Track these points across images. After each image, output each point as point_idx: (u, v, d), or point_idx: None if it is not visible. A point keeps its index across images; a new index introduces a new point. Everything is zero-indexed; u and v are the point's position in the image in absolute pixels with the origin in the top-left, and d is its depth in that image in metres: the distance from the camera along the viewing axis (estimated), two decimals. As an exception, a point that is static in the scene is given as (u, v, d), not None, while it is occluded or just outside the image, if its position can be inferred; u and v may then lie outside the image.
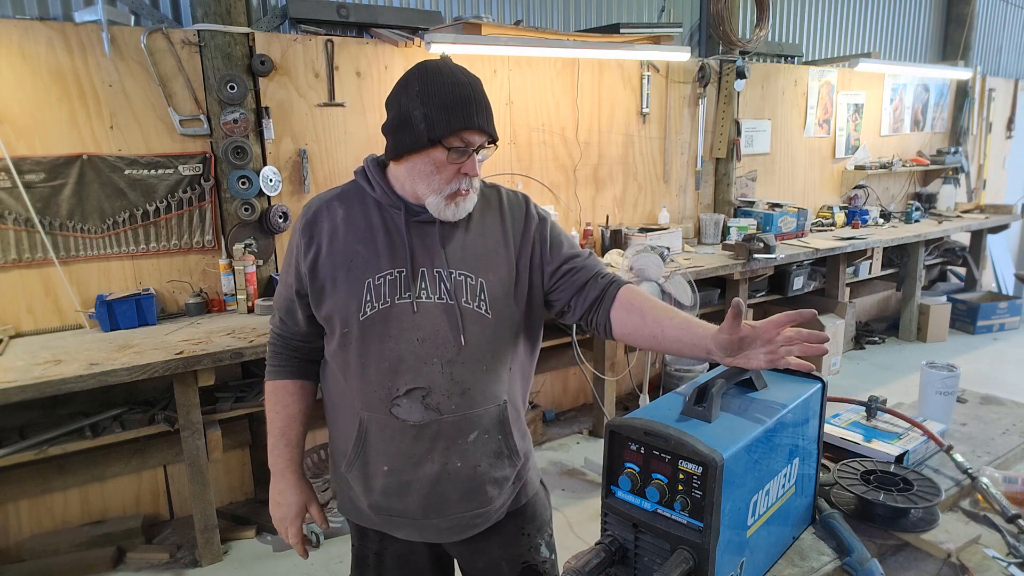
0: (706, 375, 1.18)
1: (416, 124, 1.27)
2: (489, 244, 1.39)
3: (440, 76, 1.28)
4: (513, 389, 1.43)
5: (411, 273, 1.33)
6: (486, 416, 1.37)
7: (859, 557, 1.16)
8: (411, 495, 1.37)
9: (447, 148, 1.27)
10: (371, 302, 1.32)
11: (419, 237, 1.36)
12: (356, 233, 1.36)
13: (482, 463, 1.38)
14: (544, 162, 4.06)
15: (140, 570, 2.83)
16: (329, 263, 1.35)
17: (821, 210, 5.53)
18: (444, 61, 1.34)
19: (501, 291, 1.37)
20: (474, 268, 1.36)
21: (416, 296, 1.33)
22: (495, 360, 1.37)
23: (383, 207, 1.37)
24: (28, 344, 2.74)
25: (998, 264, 6.87)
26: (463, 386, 1.33)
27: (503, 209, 1.45)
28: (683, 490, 0.99)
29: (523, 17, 4.00)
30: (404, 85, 1.31)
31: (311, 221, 1.39)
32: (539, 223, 1.45)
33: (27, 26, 2.70)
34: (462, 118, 1.27)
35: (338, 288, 1.33)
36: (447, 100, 1.26)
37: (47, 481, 2.84)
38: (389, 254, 1.34)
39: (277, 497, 1.49)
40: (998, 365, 5.16)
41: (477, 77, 1.33)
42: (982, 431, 1.72)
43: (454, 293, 1.33)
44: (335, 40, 3.29)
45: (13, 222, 2.77)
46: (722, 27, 4.49)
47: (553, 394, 4.35)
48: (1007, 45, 7.45)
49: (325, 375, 1.47)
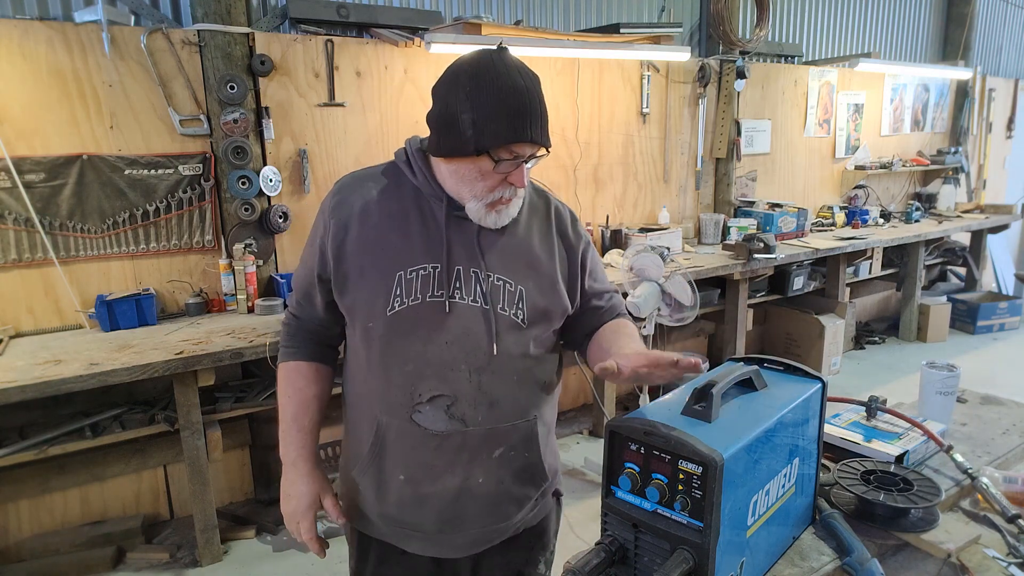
0: (706, 375, 1.18)
1: (463, 129, 1.15)
2: (534, 252, 1.31)
3: (495, 77, 1.15)
4: (544, 404, 1.36)
5: (447, 270, 1.23)
6: (514, 431, 1.29)
7: (859, 557, 1.16)
8: (427, 509, 1.29)
9: (495, 160, 1.17)
10: (400, 297, 1.22)
11: (458, 233, 1.26)
12: (391, 219, 1.25)
13: (506, 480, 1.30)
14: (544, 162, 4.01)
15: (140, 570, 2.83)
16: (358, 248, 1.25)
17: (821, 210, 5.53)
18: (501, 56, 1.18)
19: (541, 301, 1.29)
20: (515, 274, 1.27)
21: (450, 295, 1.23)
22: (527, 372, 1.29)
23: (422, 195, 1.27)
24: (28, 344, 2.74)
25: (998, 264, 6.87)
26: (491, 397, 1.25)
27: (551, 219, 1.37)
28: (683, 490, 0.99)
29: (523, 17, 4.00)
30: (454, 79, 1.18)
31: (343, 200, 1.28)
32: (586, 246, 1.40)
33: (27, 26, 2.70)
34: (515, 130, 1.15)
35: (365, 277, 1.24)
36: (500, 108, 1.14)
37: (47, 481, 2.84)
38: (424, 247, 1.24)
39: (288, 489, 1.35)
40: (998, 365, 5.16)
41: (536, 76, 1.21)
42: (982, 431, 1.71)
43: (490, 297, 1.24)
44: (335, 40, 3.29)
45: (13, 222, 2.77)
46: (722, 27, 4.49)
47: (553, 394, 4.34)
48: (1007, 45, 7.45)
49: (346, 368, 1.37)
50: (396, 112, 3.51)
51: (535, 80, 1.19)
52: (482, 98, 1.14)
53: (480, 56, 1.18)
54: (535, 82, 1.19)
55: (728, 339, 4.50)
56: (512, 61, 1.18)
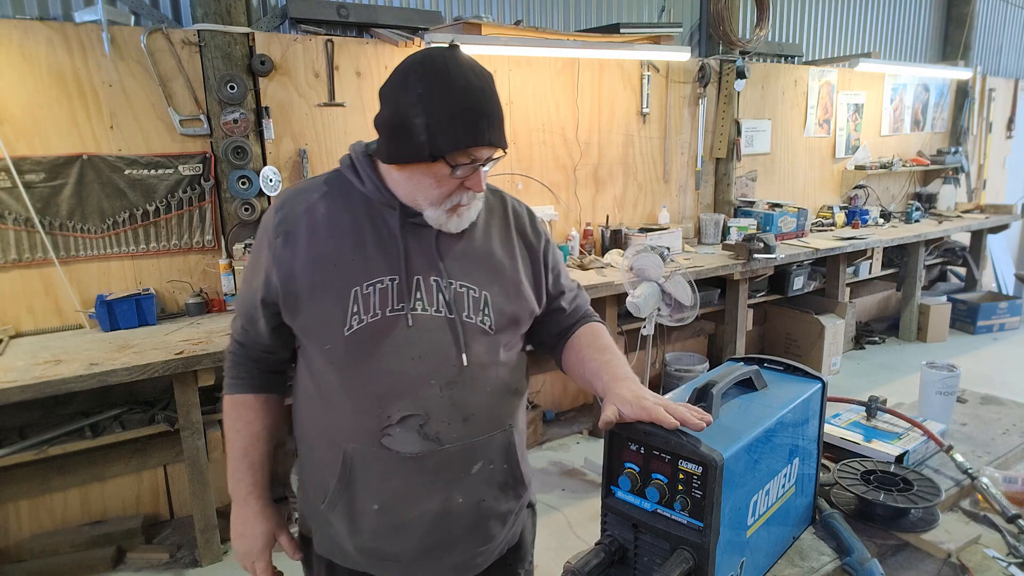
0: (706, 375, 1.18)
1: (416, 134, 1.09)
2: (495, 255, 1.26)
3: (448, 78, 1.08)
4: (517, 411, 1.31)
5: (406, 281, 1.16)
6: (492, 444, 1.23)
7: (859, 557, 1.16)
8: (407, 536, 1.21)
9: (451, 165, 1.11)
10: (358, 314, 1.14)
11: (415, 241, 1.19)
12: (341, 233, 1.17)
13: (487, 497, 1.25)
14: (544, 162, 4.06)
15: (140, 570, 2.83)
16: (308, 268, 1.16)
17: (821, 210, 5.53)
18: (452, 55, 1.11)
19: (507, 306, 1.24)
20: (478, 279, 1.22)
21: (411, 308, 1.16)
22: (499, 380, 1.24)
23: (373, 204, 1.19)
24: (28, 344, 2.74)
25: (998, 264, 6.87)
26: (465, 411, 1.19)
27: (509, 219, 1.32)
28: (683, 490, 0.99)
29: (523, 17, 4.00)
30: (404, 81, 1.11)
31: (287, 216, 1.18)
32: (546, 243, 1.36)
33: (27, 26, 2.70)
34: (471, 134, 1.09)
35: (318, 297, 1.15)
36: (455, 110, 1.08)
37: (47, 481, 2.84)
38: (380, 259, 1.16)
39: (240, 528, 1.28)
40: (998, 365, 5.16)
41: (489, 75, 1.14)
42: (982, 431, 1.71)
43: (454, 305, 1.19)
44: (335, 40, 3.29)
45: (13, 222, 2.77)
46: (722, 27, 4.49)
47: (553, 394, 4.35)
48: (1007, 45, 7.45)
49: (297, 395, 1.28)
50: (396, 112, 3.50)
51: (489, 79, 1.13)
52: (435, 101, 1.07)
53: (430, 55, 1.11)
54: (489, 81, 1.13)
55: (728, 339, 4.50)
56: (464, 60, 1.12)
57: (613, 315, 3.82)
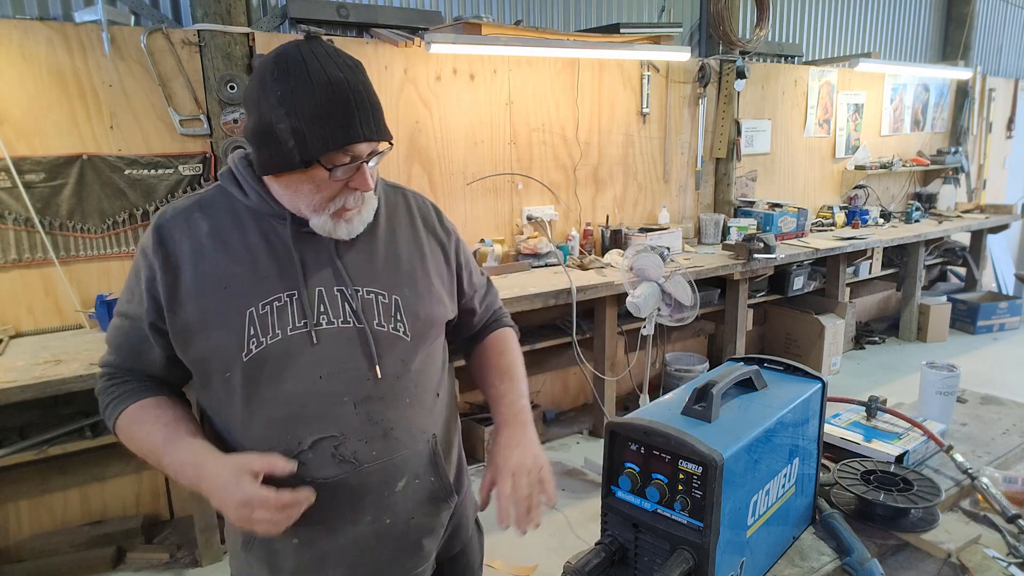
0: (706, 375, 1.18)
1: (283, 140, 1.00)
2: (403, 255, 1.18)
3: (308, 73, 0.99)
4: (441, 417, 1.24)
5: (306, 295, 1.08)
6: (414, 458, 1.16)
7: (859, 557, 1.16)
8: (333, 568, 1.13)
9: (328, 168, 1.02)
10: (256, 337, 1.05)
11: (311, 251, 1.10)
12: (229, 251, 1.08)
13: (416, 514, 1.18)
14: (544, 162, 4.06)
15: (140, 570, 2.83)
16: (195, 292, 1.06)
17: (821, 210, 5.53)
18: (310, 48, 1.02)
19: (421, 308, 1.17)
20: (386, 284, 1.14)
21: (315, 323, 1.08)
22: (419, 389, 1.17)
23: (261, 217, 1.10)
24: (28, 344, 2.74)
25: (998, 264, 6.87)
26: (384, 427, 1.11)
27: (414, 216, 1.24)
28: (683, 490, 0.99)
29: (523, 17, 4.00)
30: (261, 84, 1.01)
31: (166, 238, 1.08)
32: (456, 240, 1.29)
33: (27, 26, 2.70)
34: (343, 131, 1.00)
35: (211, 323, 1.05)
36: (320, 109, 0.99)
37: (47, 481, 2.84)
38: (276, 274, 1.08)
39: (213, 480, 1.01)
40: (998, 365, 5.16)
41: (356, 64, 1.05)
42: (982, 431, 1.71)
43: (362, 315, 1.10)
44: (335, 40, 3.29)
45: (13, 222, 2.77)
46: (722, 27, 4.49)
47: (553, 394, 4.35)
48: (1007, 45, 7.45)
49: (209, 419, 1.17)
50: (396, 112, 3.51)
51: (356, 68, 1.04)
52: (296, 100, 0.98)
53: (286, 52, 1.02)
54: (357, 71, 1.04)
55: (728, 339, 4.50)
56: (325, 50, 1.02)
57: (613, 315, 3.82)
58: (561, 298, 3.45)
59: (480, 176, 3.84)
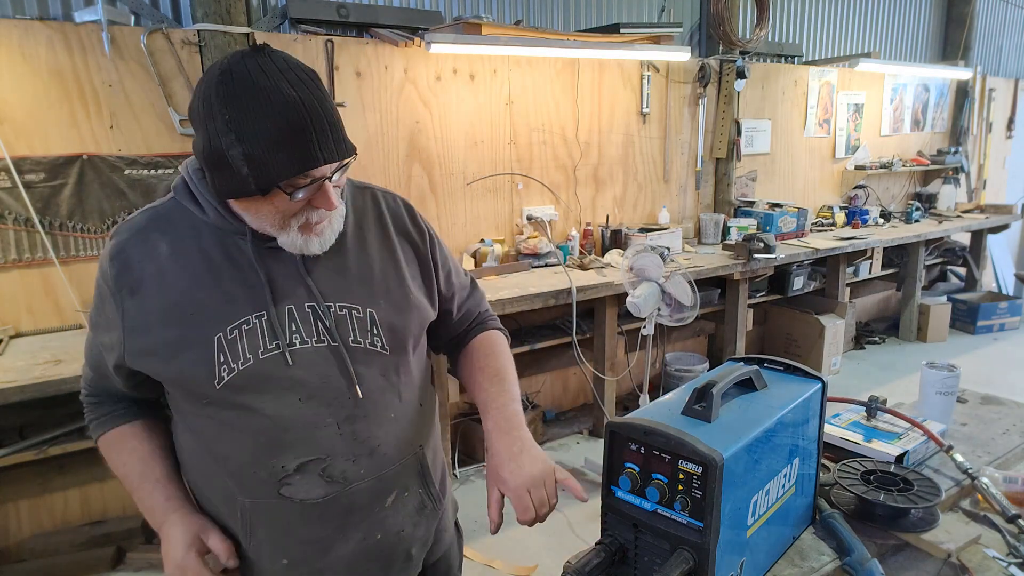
0: (706, 375, 1.18)
1: (236, 167, 0.92)
2: (375, 264, 1.12)
3: (257, 93, 0.90)
4: (426, 426, 1.22)
5: (275, 315, 1.02)
6: (403, 471, 1.14)
7: (859, 557, 1.16)
8: None
9: (288, 192, 0.96)
10: (226, 364, 1.00)
11: (278, 266, 1.04)
12: (191, 274, 1.02)
13: (405, 526, 1.16)
14: (544, 162, 4.06)
15: (140, 570, 2.83)
16: (160, 322, 1.01)
17: (821, 210, 5.53)
18: (256, 64, 0.92)
19: (398, 319, 1.12)
20: (359, 296, 1.09)
21: (288, 343, 1.03)
22: (403, 402, 1.14)
23: (222, 233, 1.04)
24: (28, 344, 2.74)
25: (998, 264, 6.87)
26: (370, 444, 1.08)
27: (385, 219, 1.18)
28: (683, 490, 0.99)
29: (523, 17, 4.00)
30: (207, 106, 0.93)
31: (126, 264, 1.02)
32: (431, 239, 1.23)
33: (27, 26, 2.70)
34: (300, 157, 0.93)
35: (179, 354, 1.00)
36: (274, 134, 0.91)
37: (47, 481, 2.84)
38: (242, 295, 1.02)
39: (166, 547, 1.06)
40: (998, 365, 5.16)
41: (310, 75, 0.97)
42: (982, 431, 1.71)
43: (336, 331, 1.06)
44: (335, 40, 3.29)
45: (13, 222, 2.77)
46: (722, 27, 4.49)
47: (553, 394, 4.35)
48: (1007, 45, 7.45)
49: (180, 446, 1.15)
50: (396, 112, 3.51)
51: (311, 83, 0.95)
52: (247, 125, 0.90)
53: (232, 67, 0.92)
54: (311, 85, 0.95)
55: (728, 339, 4.50)
56: (274, 65, 0.93)
57: (613, 315, 3.82)
58: (561, 298, 3.45)
59: (480, 176, 3.84)
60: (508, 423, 1.18)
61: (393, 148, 3.55)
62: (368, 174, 3.45)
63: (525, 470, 1.13)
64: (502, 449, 1.15)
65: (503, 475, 1.13)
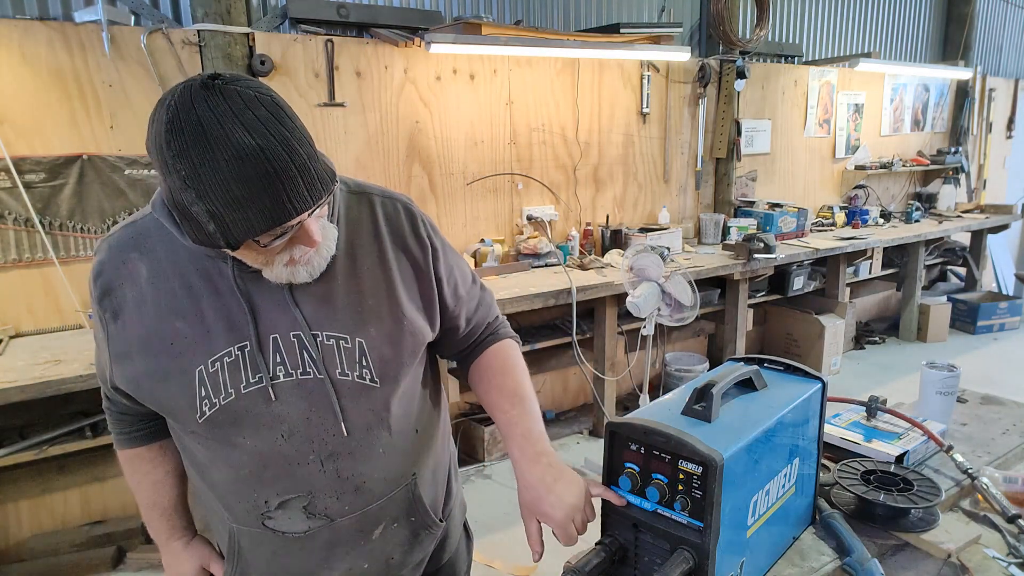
0: (706, 375, 1.18)
1: (202, 223, 0.84)
2: (365, 287, 1.04)
3: (210, 150, 0.80)
4: (423, 450, 1.16)
5: (258, 346, 0.97)
6: (392, 504, 1.09)
7: (859, 557, 1.16)
8: None
9: (263, 244, 0.89)
10: (208, 398, 0.96)
11: (262, 292, 0.98)
12: (171, 302, 0.97)
13: (395, 554, 1.13)
14: (544, 162, 4.06)
15: (140, 570, 2.83)
16: (141, 351, 0.97)
17: (821, 210, 5.53)
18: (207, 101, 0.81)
19: (389, 349, 1.04)
20: (347, 325, 1.01)
21: (272, 377, 0.98)
22: (394, 435, 1.07)
23: (203, 255, 0.97)
24: (28, 344, 2.74)
25: (998, 264, 6.87)
26: (355, 481, 1.04)
27: (380, 231, 1.08)
28: (683, 490, 0.99)
29: (523, 17, 4.00)
30: (161, 156, 0.83)
31: (106, 289, 0.99)
32: (434, 252, 1.13)
33: (27, 26, 2.70)
34: (267, 215, 0.83)
35: (159, 384, 0.98)
36: (234, 193, 0.81)
37: (47, 481, 2.84)
38: (223, 326, 0.97)
39: (171, 565, 1.20)
40: (998, 365, 5.16)
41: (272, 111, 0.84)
42: (982, 431, 1.71)
43: (322, 363, 0.99)
44: (335, 40, 3.29)
45: (13, 222, 2.77)
46: (722, 27, 4.49)
47: (553, 394, 4.35)
48: (1007, 45, 7.45)
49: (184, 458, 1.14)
50: (396, 112, 3.51)
51: (271, 120, 0.83)
52: (205, 182, 0.81)
53: (178, 112, 0.81)
54: (271, 124, 0.82)
55: (728, 339, 4.50)
56: (227, 106, 0.81)
57: (613, 315, 3.82)
58: (561, 298, 3.45)
59: (480, 176, 3.84)
60: (534, 449, 1.13)
61: (393, 148, 3.55)
62: (368, 174, 3.46)
63: (566, 501, 1.09)
64: (536, 482, 1.10)
65: (545, 510, 1.09)
